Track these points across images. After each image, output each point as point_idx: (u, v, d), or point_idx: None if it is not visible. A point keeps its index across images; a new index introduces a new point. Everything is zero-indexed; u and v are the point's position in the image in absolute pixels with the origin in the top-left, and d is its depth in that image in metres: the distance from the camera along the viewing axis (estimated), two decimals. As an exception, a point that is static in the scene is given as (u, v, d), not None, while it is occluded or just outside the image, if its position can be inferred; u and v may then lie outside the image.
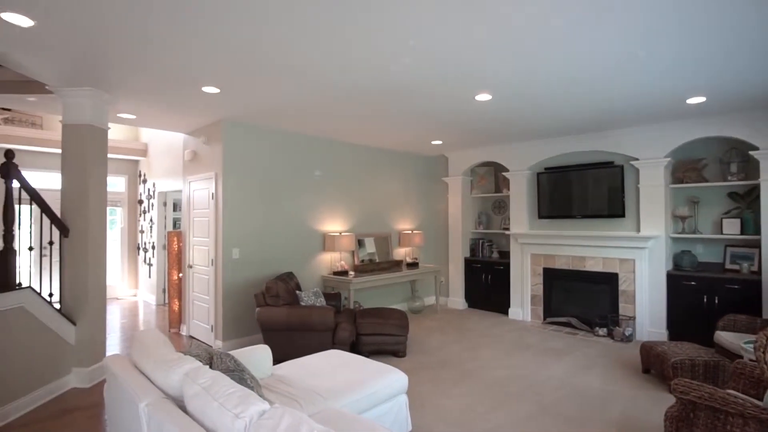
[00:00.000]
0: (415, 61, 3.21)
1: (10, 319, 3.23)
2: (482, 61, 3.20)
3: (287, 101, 4.23)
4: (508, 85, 3.77)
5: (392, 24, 2.61)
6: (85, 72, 3.46)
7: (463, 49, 2.98)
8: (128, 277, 8.27)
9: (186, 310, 5.55)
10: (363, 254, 6.37)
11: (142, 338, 2.33)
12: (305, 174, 5.74)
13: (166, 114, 4.75)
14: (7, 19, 2.56)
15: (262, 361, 2.87)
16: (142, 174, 8.11)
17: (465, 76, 3.53)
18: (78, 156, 3.92)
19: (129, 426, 1.96)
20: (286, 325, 4.20)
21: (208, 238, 5.10)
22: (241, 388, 1.65)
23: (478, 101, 4.22)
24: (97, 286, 3.96)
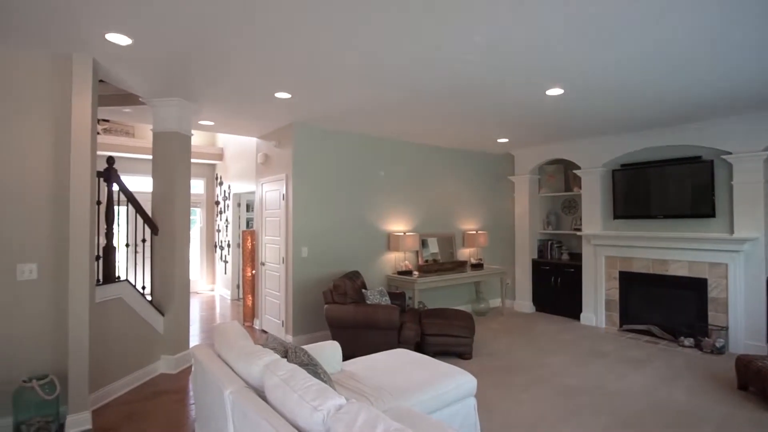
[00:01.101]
0: (483, 58, 3.15)
1: (110, 308, 3.59)
2: (554, 54, 3.07)
3: (354, 103, 4.32)
4: (582, 79, 3.58)
5: (458, 21, 2.58)
6: (173, 84, 3.76)
7: (534, 42, 2.88)
8: (206, 273, 8.88)
9: (259, 305, 5.85)
10: (426, 254, 6.35)
11: (224, 330, 2.49)
12: (370, 174, 5.83)
13: (241, 120, 5.04)
14: (110, 38, 2.85)
15: (332, 357, 2.96)
16: (218, 177, 8.67)
17: (535, 70, 3.40)
18: (166, 161, 4.28)
19: (214, 410, 2.10)
20: (352, 323, 4.30)
21: (279, 237, 5.34)
22: (317, 381, 1.71)
23: (549, 96, 4.06)
24: (182, 281, 4.29)
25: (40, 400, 2.87)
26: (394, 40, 2.85)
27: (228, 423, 1.90)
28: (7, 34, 2.81)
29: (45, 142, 3.13)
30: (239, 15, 2.51)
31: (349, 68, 3.37)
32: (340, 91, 3.93)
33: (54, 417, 2.95)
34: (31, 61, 3.08)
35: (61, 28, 2.71)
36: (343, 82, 3.70)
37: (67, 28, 2.72)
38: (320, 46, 2.96)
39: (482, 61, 3.20)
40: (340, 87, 3.82)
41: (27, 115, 3.08)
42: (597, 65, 3.29)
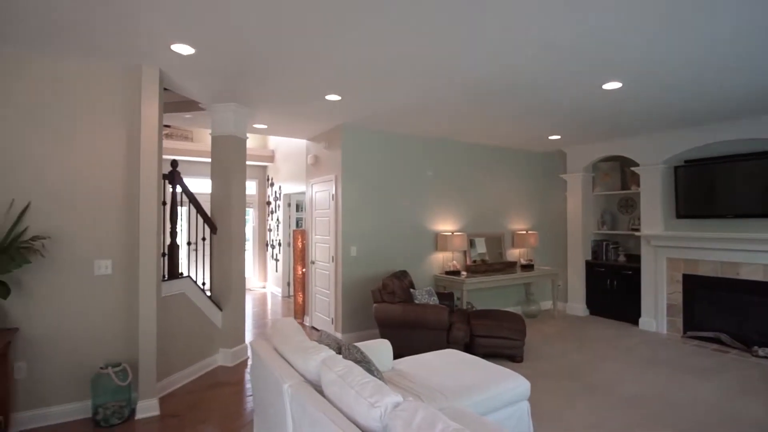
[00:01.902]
0: (536, 53, 3.07)
1: (174, 303, 3.82)
2: (613, 45, 2.94)
3: (403, 104, 4.34)
4: (642, 70, 3.41)
5: (511, 16, 2.54)
6: (230, 90, 3.94)
7: (590, 34, 2.78)
8: (258, 270, 9.22)
9: (309, 302, 6.01)
10: (474, 254, 6.26)
11: (281, 326, 2.58)
12: (418, 174, 5.83)
13: (292, 122, 5.20)
14: (175, 49, 3.04)
15: (383, 355, 2.99)
16: (269, 178, 8.97)
17: (592, 64, 3.28)
18: (223, 163, 4.49)
19: (273, 402, 2.19)
20: (401, 322, 4.32)
21: (328, 236, 5.46)
22: (373, 378, 1.74)
23: (606, 90, 3.89)
24: (238, 278, 4.49)
25: (114, 385, 3.11)
26: (445, 40, 2.84)
27: (286, 415, 1.97)
28: (88, 51, 3.06)
29: (118, 147, 3.38)
30: (293, 23, 2.60)
31: (399, 69, 3.39)
32: (389, 92, 3.96)
33: (126, 402, 3.18)
34: (107, 73, 3.33)
35: (132, 42, 2.92)
36: (392, 83, 3.73)
37: (138, 42, 2.93)
38: (370, 49, 3.00)
39: (535, 56, 3.12)
40: (389, 88, 3.85)
41: (104, 122, 3.33)
42: (660, 56, 3.12)
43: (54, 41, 2.92)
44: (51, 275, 3.15)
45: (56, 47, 3.02)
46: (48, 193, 3.15)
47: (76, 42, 2.94)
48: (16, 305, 3.05)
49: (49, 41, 2.92)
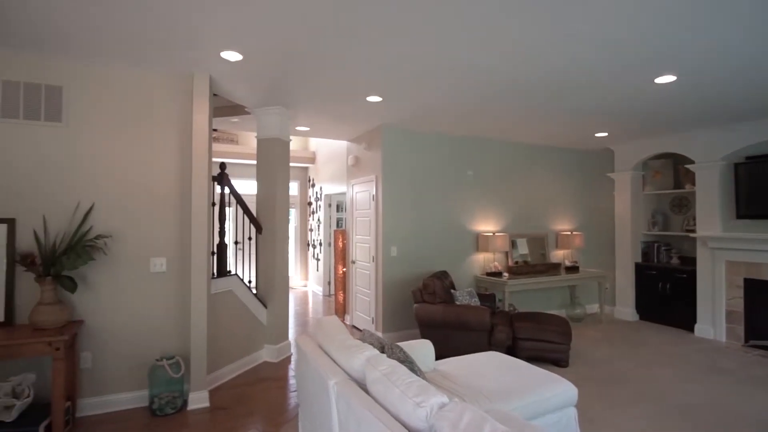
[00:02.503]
0: (585, 49, 2.98)
1: (223, 299, 3.97)
2: (666, 36, 2.81)
3: (444, 104, 4.32)
4: (699, 62, 3.23)
5: (554, 11, 2.47)
6: (275, 93, 4.06)
7: (643, 28, 2.66)
8: (300, 269, 9.43)
9: (349, 301, 6.09)
10: (516, 255, 6.14)
11: (325, 324, 2.64)
12: (458, 174, 5.78)
13: (334, 124, 5.29)
14: (224, 56, 3.17)
15: (425, 356, 2.99)
16: (310, 179, 9.16)
17: (643, 57, 3.14)
18: (268, 165, 4.63)
19: (318, 398, 2.24)
20: (442, 323, 4.30)
21: (369, 236, 5.51)
22: (418, 378, 1.75)
23: (659, 84, 3.71)
24: (282, 276, 4.61)
25: (168, 377, 3.28)
26: (489, 39, 2.81)
27: (332, 411, 2.01)
28: (144, 60, 3.25)
29: (172, 151, 3.56)
30: (338, 27, 2.65)
31: (441, 69, 3.38)
32: (430, 92, 3.95)
33: (179, 393, 3.34)
34: (162, 81, 3.52)
35: (186, 51, 3.07)
36: (434, 84, 3.72)
37: (191, 51, 3.07)
38: (413, 50, 3.01)
39: (584, 52, 3.03)
40: (430, 88, 3.85)
41: (159, 128, 3.52)
42: (719, 46, 2.94)
43: (115, 53, 3.12)
44: (112, 272, 3.36)
45: (117, 58, 3.22)
46: (109, 195, 3.36)
47: (134, 53, 3.12)
48: (82, 299, 3.28)
49: (111, 53, 3.12)
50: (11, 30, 2.76)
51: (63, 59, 3.24)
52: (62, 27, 2.72)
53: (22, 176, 3.14)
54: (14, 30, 2.76)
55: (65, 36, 2.85)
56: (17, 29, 2.75)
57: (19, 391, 2.90)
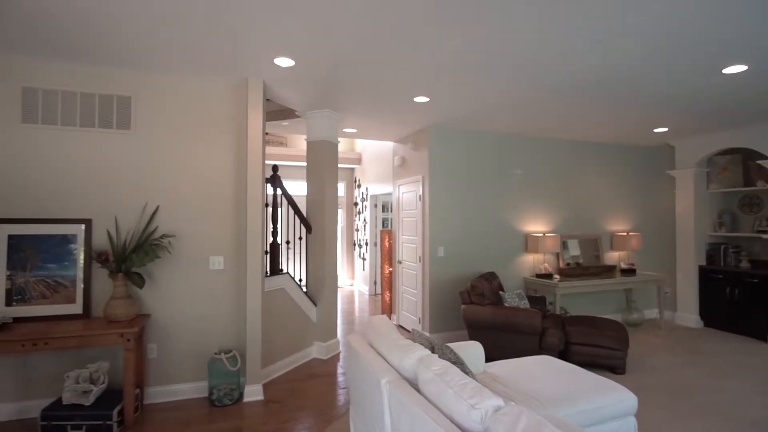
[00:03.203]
0: (643, 39, 2.84)
1: (275, 297, 4.12)
2: (735, 26, 2.62)
3: (492, 102, 4.26)
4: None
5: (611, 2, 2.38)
6: (324, 97, 4.16)
7: (710, 15, 2.50)
8: (346, 269, 9.59)
9: (396, 301, 6.12)
10: (567, 257, 5.93)
11: (376, 323, 2.68)
12: (506, 174, 5.67)
13: (380, 125, 5.34)
14: (277, 62, 3.29)
15: (475, 357, 2.97)
16: (356, 180, 9.29)
17: (710, 48, 2.95)
18: (318, 166, 4.75)
19: (370, 396, 2.28)
20: (490, 325, 4.24)
21: (415, 236, 5.52)
22: (471, 380, 1.75)
23: (727, 75, 3.47)
24: (331, 275, 4.72)
25: (226, 370, 3.44)
26: (543, 33, 2.74)
27: (384, 409, 2.04)
28: (204, 69, 3.43)
29: (228, 155, 3.73)
30: (388, 31, 2.68)
31: (492, 67, 3.34)
32: (478, 91, 3.91)
33: (236, 385, 3.50)
34: (219, 87, 3.71)
35: (242, 58, 3.21)
36: (482, 82, 3.68)
37: (246, 58, 3.21)
38: (461, 49, 2.99)
39: (642, 42, 2.89)
40: (478, 87, 3.81)
41: (217, 132, 3.71)
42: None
43: (178, 64, 3.32)
44: (175, 269, 3.57)
45: (179, 69, 3.43)
46: (172, 196, 3.58)
47: (196, 63, 3.31)
48: (148, 294, 3.51)
49: (174, 64, 3.32)
50: (90, 47, 3.00)
51: (132, 71, 3.48)
52: (133, 42, 2.93)
53: (97, 180, 3.41)
54: (92, 46, 3.00)
55: (135, 50, 3.07)
56: (94, 46, 2.99)
57: (95, 377, 3.15)
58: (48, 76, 3.32)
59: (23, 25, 2.69)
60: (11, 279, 3.19)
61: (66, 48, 3.04)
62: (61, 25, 2.69)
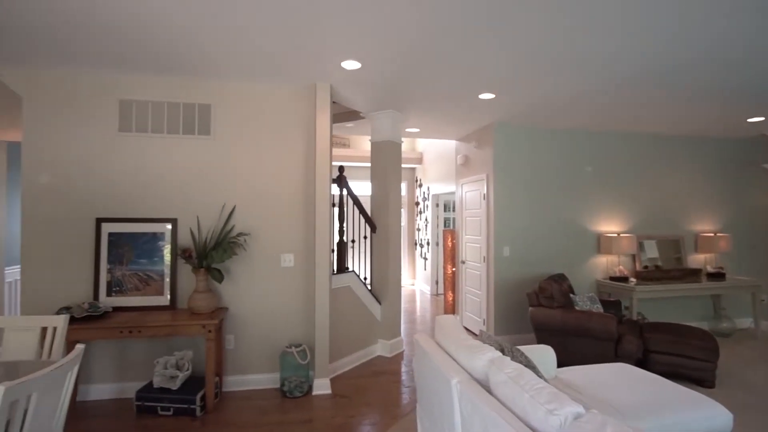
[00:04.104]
0: (735, 19, 2.59)
1: (342, 294, 4.23)
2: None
3: (562, 97, 4.08)
4: None
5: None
6: (388, 98, 4.20)
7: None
8: (408, 268, 9.62)
9: (459, 301, 6.05)
10: (644, 258, 5.54)
11: (443, 322, 2.67)
12: (575, 171, 5.41)
13: (443, 124, 5.30)
14: (344, 66, 3.37)
15: (546, 362, 2.87)
16: (418, 179, 9.29)
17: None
18: (382, 167, 4.81)
19: (438, 396, 2.28)
20: (560, 329, 4.06)
21: (479, 236, 5.42)
22: (547, 384, 1.69)
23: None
24: (395, 274, 4.76)
25: (296, 363, 3.59)
26: (619, 21, 2.59)
27: (454, 410, 2.03)
28: (276, 75, 3.60)
29: (297, 155, 3.89)
30: (454, 29, 2.66)
31: (558, 61, 3.20)
32: (547, 85, 3.76)
33: (305, 378, 3.64)
34: (289, 92, 3.87)
35: (311, 63, 3.33)
36: (552, 77, 3.54)
37: (315, 63, 3.33)
38: (530, 43, 2.89)
39: (735, 22, 2.63)
40: (547, 81, 3.66)
41: (287, 136, 3.88)
42: None
43: (252, 72, 3.50)
44: (249, 265, 3.78)
45: (253, 76, 3.62)
46: (247, 197, 3.79)
47: (268, 70, 3.48)
48: (226, 289, 3.75)
49: (248, 72, 3.52)
50: (175, 60, 3.26)
51: (212, 81, 3.73)
52: (213, 55, 3.14)
53: (181, 182, 3.70)
54: (177, 60, 3.25)
55: (214, 61, 3.28)
56: (179, 60, 3.24)
57: (181, 364, 3.42)
58: (140, 89, 3.65)
59: (123, 45, 2.97)
60: (111, 272, 3.54)
61: (156, 63, 3.32)
62: (154, 43, 2.94)
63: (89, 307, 3.28)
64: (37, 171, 3.50)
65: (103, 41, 2.93)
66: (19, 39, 2.89)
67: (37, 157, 3.50)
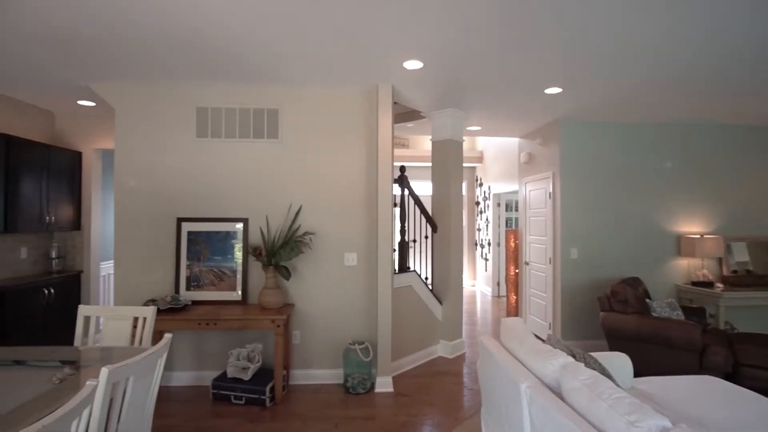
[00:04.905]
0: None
1: (403, 294, 4.25)
2: None
3: (640, 86, 3.82)
4: None
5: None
6: (449, 96, 4.16)
7: None
8: (468, 269, 9.47)
9: (522, 304, 5.86)
10: (732, 262, 5.05)
11: (510, 325, 2.60)
12: (652, 167, 5.04)
13: (506, 121, 5.16)
14: (406, 66, 3.38)
15: (621, 371, 2.70)
16: (478, 178, 9.11)
17: None
18: (443, 166, 4.78)
19: (506, 400, 2.22)
20: (635, 336, 3.81)
21: (545, 236, 5.22)
22: (627, 394, 1.59)
23: None
24: (456, 274, 4.71)
25: (359, 360, 3.65)
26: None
27: (523, 415, 1.97)
28: (339, 79, 3.69)
29: (360, 157, 3.96)
30: (519, 23, 2.58)
31: (633, 49, 3.00)
32: (621, 75, 3.54)
33: (368, 376, 3.70)
34: (352, 95, 3.95)
35: (374, 66, 3.38)
36: (628, 66, 3.32)
37: (378, 66, 3.37)
38: (604, 31, 2.74)
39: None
40: (622, 72, 3.45)
41: (350, 137, 3.96)
42: None
43: (317, 76, 3.62)
44: (315, 264, 3.91)
45: (317, 81, 3.73)
46: (312, 197, 3.92)
47: (332, 74, 3.57)
48: (293, 286, 3.90)
49: (313, 77, 3.63)
50: (245, 69, 3.44)
51: (279, 86, 3.89)
52: (281, 62, 3.28)
53: (251, 183, 3.90)
54: (247, 68, 3.43)
55: (281, 69, 3.43)
56: (250, 68, 3.41)
57: (251, 356, 3.60)
58: (214, 97, 3.89)
59: (201, 58, 3.19)
60: (190, 268, 3.81)
61: (230, 72, 3.52)
62: (227, 55, 3.13)
63: (171, 300, 3.55)
64: (127, 175, 3.84)
65: (186, 55, 3.16)
66: (113, 57, 3.19)
67: (127, 162, 3.84)
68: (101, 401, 1.46)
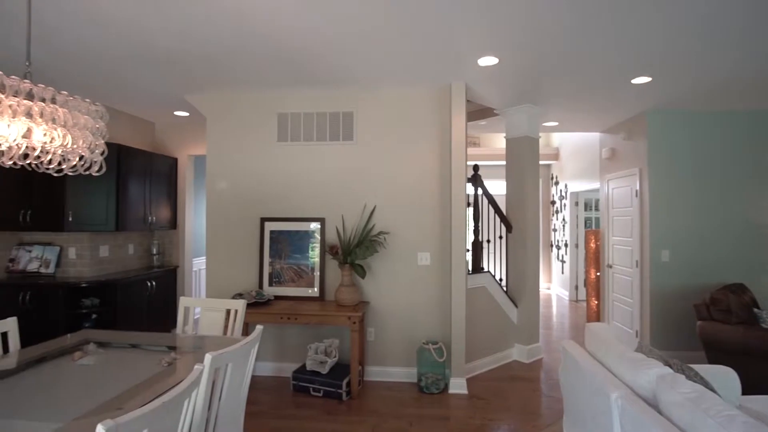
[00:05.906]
0: None
1: (477, 295, 4.18)
2: None
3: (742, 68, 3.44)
4: None
5: None
6: (524, 91, 4.02)
7: None
8: (543, 271, 9.08)
9: (604, 309, 5.52)
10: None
11: (596, 330, 2.46)
12: (758, 161, 4.51)
13: (586, 115, 4.88)
14: (480, 63, 3.32)
15: (727, 387, 2.45)
16: (553, 176, 8.71)
17: None
18: (517, 164, 4.63)
19: (592, 409, 2.11)
20: (741, 349, 3.44)
21: (630, 238, 4.87)
22: (740, 413, 1.45)
23: None
24: (533, 276, 4.54)
25: (433, 360, 3.65)
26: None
27: (613, 427, 1.86)
28: (412, 79, 3.72)
29: (433, 156, 3.96)
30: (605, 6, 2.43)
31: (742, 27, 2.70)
32: (723, 59, 3.21)
33: (442, 376, 3.68)
34: (425, 94, 3.96)
35: (447, 65, 3.36)
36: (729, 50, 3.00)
37: (451, 64, 3.35)
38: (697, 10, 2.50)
39: None
40: (720, 51, 3.13)
41: (423, 137, 3.98)
42: None
43: (389, 78, 3.67)
44: (388, 263, 3.97)
45: (390, 83, 3.79)
46: (385, 197, 3.99)
47: (405, 75, 3.61)
48: (368, 284, 3.99)
49: (385, 79, 3.69)
50: (321, 75, 3.58)
51: (353, 90, 4.00)
52: (355, 64, 3.37)
53: (328, 185, 4.05)
54: (323, 74, 3.57)
55: (356, 71, 3.52)
56: (325, 73, 3.55)
57: (329, 351, 3.74)
58: (293, 102, 4.09)
59: (283, 68, 3.37)
60: (272, 265, 4.04)
61: (306, 78, 3.69)
62: (310, 63, 3.28)
63: (256, 294, 3.79)
64: (217, 178, 4.16)
65: (270, 66, 3.36)
66: (204, 70, 3.48)
67: (217, 166, 4.16)
68: (205, 384, 1.61)
